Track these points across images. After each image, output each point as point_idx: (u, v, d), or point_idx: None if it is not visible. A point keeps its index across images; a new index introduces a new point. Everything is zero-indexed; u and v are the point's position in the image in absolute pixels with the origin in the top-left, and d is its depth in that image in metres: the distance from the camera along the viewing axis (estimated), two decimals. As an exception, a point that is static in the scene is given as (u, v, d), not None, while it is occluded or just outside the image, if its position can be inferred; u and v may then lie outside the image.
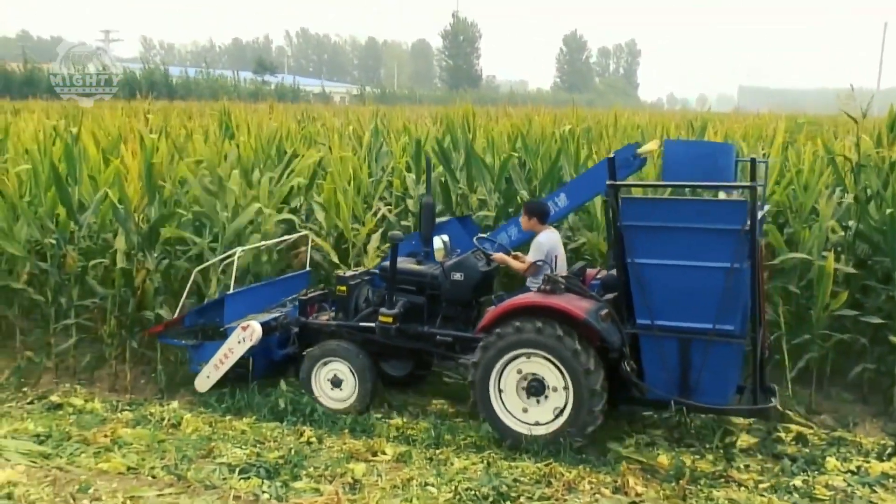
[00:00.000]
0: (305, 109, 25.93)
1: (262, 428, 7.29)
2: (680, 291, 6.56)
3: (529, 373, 6.95)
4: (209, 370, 7.99)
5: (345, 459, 6.64)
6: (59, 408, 7.74)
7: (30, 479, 6.10)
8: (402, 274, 7.82)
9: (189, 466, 6.39)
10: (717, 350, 6.57)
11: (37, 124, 12.84)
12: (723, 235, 6.33)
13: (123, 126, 12.18)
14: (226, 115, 12.77)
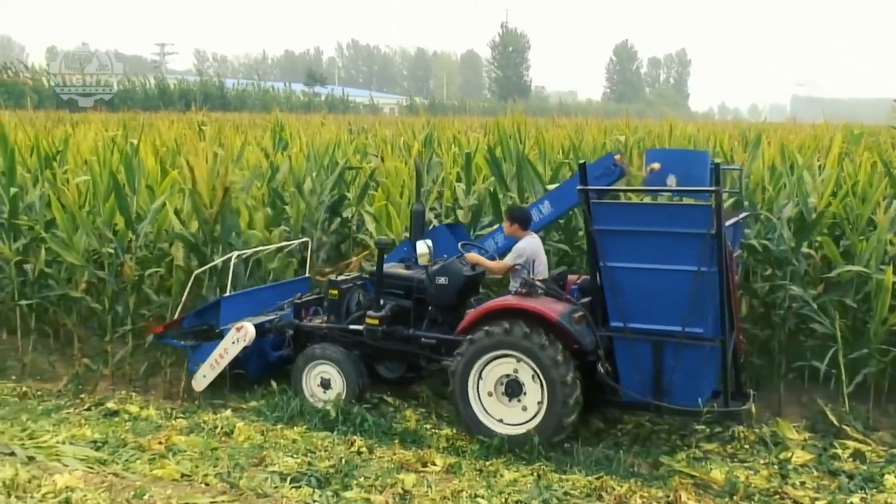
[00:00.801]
0: (355, 120, 26.14)
1: (313, 437, 7.33)
2: (650, 294, 6.72)
3: (506, 373, 7.16)
4: (205, 370, 8.24)
5: (395, 470, 6.64)
6: (115, 414, 7.88)
7: (87, 484, 6.19)
8: (390, 278, 8.10)
9: (241, 474, 6.45)
10: (688, 352, 6.72)
11: (95, 135, 13.13)
12: (689, 239, 6.47)
13: (180, 137, 12.40)
14: (278, 127, 12.90)
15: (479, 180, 10.56)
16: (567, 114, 26.80)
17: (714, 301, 6.61)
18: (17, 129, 11.65)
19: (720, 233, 6.39)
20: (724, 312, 6.68)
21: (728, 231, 6.81)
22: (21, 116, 16.75)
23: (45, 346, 9.70)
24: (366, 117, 33.90)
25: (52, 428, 7.41)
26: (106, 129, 16.56)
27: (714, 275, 6.52)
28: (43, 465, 6.56)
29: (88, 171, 9.78)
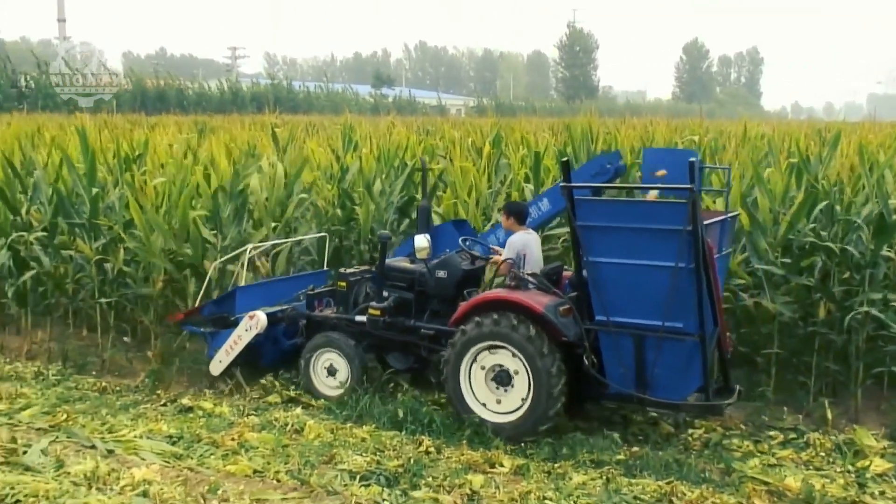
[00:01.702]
0: (424, 122, 26.24)
1: (382, 436, 7.38)
2: (631, 289, 6.87)
3: (496, 363, 7.39)
4: (221, 355, 8.66)
5: (463, 470, 6.66)
6: (189, 410, 8.04)
7: (163, 477, 6.35)
8: (394, 271, 8.48)
9: (312, 472, 6.54)
10: (669, 347, 6.86)
11: (171, 138, 13.45)
12: (666, 236, 6.60)
13: (252, 139, 12.63)
14: (349, 128, 13.04)
15: (547, 181, 10.51)
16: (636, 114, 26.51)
17: (692, 297, 6.69)
18: (98, 132, 11.95)
19: (697, 230, 6.48)
20: (704, 308, 6.75)
21: (714, 229, 7.06)
22: (101, 119, 17.20)
23: (123, 343, 9.96)
24: (433, 119, 34.00)
25: (130, 422, 7.61)
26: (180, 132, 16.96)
27: (691, 271, 6.61)
28: (121, 458, 6.77)
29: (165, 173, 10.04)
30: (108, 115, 20.98)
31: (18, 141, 12.62)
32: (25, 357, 9.83)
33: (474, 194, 9.95)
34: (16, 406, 8.02)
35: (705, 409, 7.26)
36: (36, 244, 10.33)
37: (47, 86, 47.33)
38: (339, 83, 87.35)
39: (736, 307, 8.65)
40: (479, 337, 7.39)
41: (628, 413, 8.09)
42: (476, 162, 11.13)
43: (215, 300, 9.05)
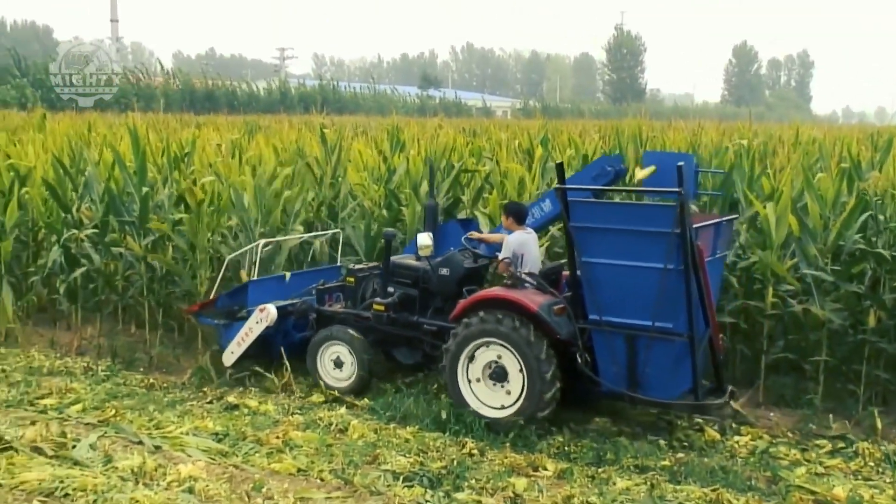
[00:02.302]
0: (470, 123, 26.24)
1: (425, 437, 7.38)
2: (623, 289, 7.02)
3: (492, 360, 7.58)
4: (233, 347, 8.90)
5: (506, 473, 6.64)
6: (235, 408, 8.10)
7: (209, 474, 6.42)
8: (399, 268, 8.70)
9: (355, 471, 6.56)
10: (660, 346, 7.01)
11: (220, 138, 13.61)
12: (656, 237, 6.75)
13: (300, 139, 12.73)
14: (395, 130, 13.07)
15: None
16: (683, 117, 26.25)
17: (682, 298, 6.82)
18: (148, 131, 12.13)
19: (685, 232, 6.62)
20: (694, 309, 6.88)
21: (708, 232, 7.24)
22: (151, 119, 17.46)
23: (170, 340, 10.09)
24: (479, 120, 33.98)
25: (177, 419, 7.70)
26: (228, 132, 17.13)
27: (680, 273, 6.75)
28: (168, 454, 6.85)
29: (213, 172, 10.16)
30: (157, 115, 21.31)
31: (70, 140, 12.84)
32: (75, 352, 9.98)
33: (524, 195, 9.88)
34: (66, 401, 8.16)
35: (695, 409, 7.44)
36: (87, 242, 10.52)
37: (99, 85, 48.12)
38: (385, 84, 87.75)
39: (784, 313, 8.52)
40: (476, 334, 7.58)
41: (673, 418, 8.01)
42: (523, 163, 11.09)
43: (229, 293, 9.30)
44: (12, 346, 10.19)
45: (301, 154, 11.46)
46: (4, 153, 12.10)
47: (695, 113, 54.61)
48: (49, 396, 8.28)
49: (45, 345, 10.32)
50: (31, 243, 11.19)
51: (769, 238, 8.43)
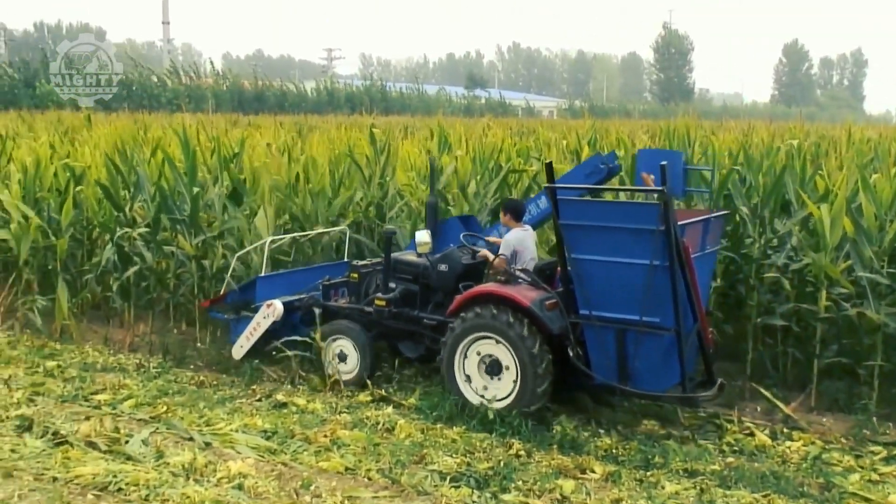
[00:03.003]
0: (516, 123, 26.18)
1: (472, 438, 7.38)
2: (611, 285, 7.23)
3: (488, 353, 7.82)
4: (242, 341, 9.22)
5: (553, 475, 6.61)
6: (283, 406, 8.16)
7: (258, 471, 6.48)
8: (401, 264, 8.92)
9: (403, 471, 6.58)
10: (648, 340, 7.23)
11: (271, 138, 13.74)
12: (641, 234, 6.96)
13: (351, 140, 12.81)
14: (442, 130, 13.08)
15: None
16: (734, 116, 25.93)
17: (668, 293, 7.00)
18: (198, 131, 12.29)
19: (669, 229, 6.80)
20: (679, 304, 7.04)
21: (696, 228, 7.47)
22: (201, 119, 17.69)
23: (220, 337, 10.19)
24: (524, 120, 33.89)
25: (227, 416, 7.78)
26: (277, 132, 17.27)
27: (666, 268, 6.94)
28: (218, 451, 6.94)
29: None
30: (207, 115, 21.56)
31: (122, 140, 13.03)
32: (128, 349, 10.15)
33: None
34: (119, 397, 8.29)
35: (683, 401, 7.62)
36: (139, 240, 10.69)
37: (149, 86, 48.91)
38: (431, 84, 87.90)
39: (838, 317, 8.38)
40: (472, 328, 7.81)
41: (723, 422, 7.92)
42: (572, 163, 11.02)
43: (239, 288, 9.58)
44: (68, 343, 10.40)
45: (351, 154, 11.52)
46: (60, 153, 12.34)
47: (744, 113, 53.96)
48: (103, 392, 8.43)
49: (99, 341, 10.51)
50: (86, 242, 11.41)
51: (823, 240, 8.30)
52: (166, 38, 76.86)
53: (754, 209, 9.11)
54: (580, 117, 37.70)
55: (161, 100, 47.25)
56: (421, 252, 8.70)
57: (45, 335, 10.60)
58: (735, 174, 9.41)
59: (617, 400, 8.47)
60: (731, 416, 8.05)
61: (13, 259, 11.22)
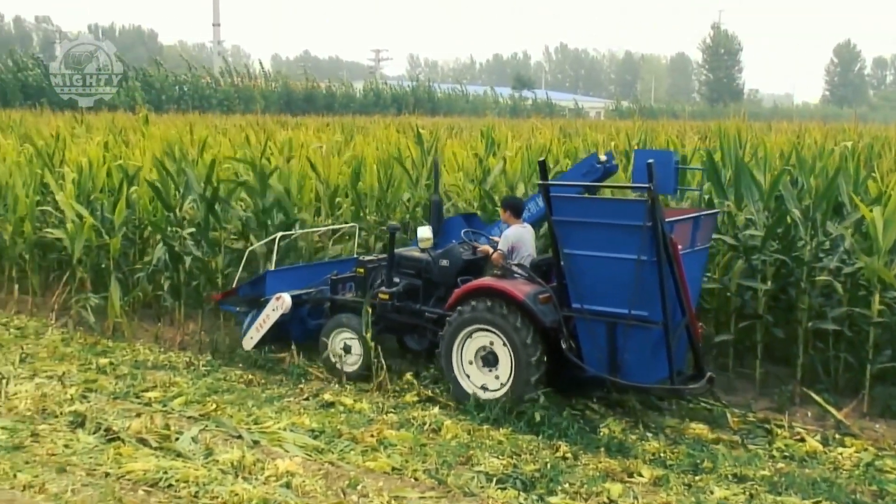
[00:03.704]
0: (563, 124, 26.08)
1: (518, 439, 7.36)
2: (601, 279, 7.46)
3: (483, 345, 8.06)
4: (252, 332, 9.55)
5: (600, 478, 6.57)
6: (331, 406, 8.20)
7: (305, 470, 6.53)
8: (404, 260, 9.17)
9: (449, 472, 6.59)
10: (637, 333, 7.44)
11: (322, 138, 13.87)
12: (629, 230, 7.18)
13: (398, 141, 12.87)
14: (490, 131, 13.08)
15: (693, 184, 10.25)
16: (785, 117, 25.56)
17: (655, 287, 7.21)
18: (248, 132, 12.44)
19: (656, 225, 7.03)
20: (667, 298, 7.25)
21: (686, 226, 7.68)
22: (251, 120, 17.89)
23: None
24: (571, 121, 33.73)
25: (275, 415, 7.85)
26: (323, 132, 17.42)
27: (654, 263, 7.15)
28: (266, 449, 7.00)
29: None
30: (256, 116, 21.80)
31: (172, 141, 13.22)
32: (178, 347, 10.29)
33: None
34: (169, 394, 8.41)
35: (670, 392, 7.85)
36: (189, 239, 10.83)
37: (200, 87, 49.54)
38: (478, 85, 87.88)
39: (891, 321, 8.24)
40: (468, 321, 8.05)
41: (773, 427, 7.81)
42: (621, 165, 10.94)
43: (250, 282, 9.90)
44: (119, 340, 10.58)
45: (398, 156, 11.57)
46: (113, 154, 12.56)
47: (795, 114, 53.12)
48: (153, 389, 8.55)
49: (150, 339, 10.67)
50: (138, 241, 11.58)
51: (876, 243, 8.15)
52: (216, 40, 77.93)
53: (806, 211, 8.96)
54: (628, 118, 37.44)
55: (212, 101, 47.88)
56: (423, 247, 9.00)
57: (97, 333, 10.80)
58: (786, 176, 9.27)
59: (665, 403, 8.41)
60: (782, 422, 7.94)
61: (67, 258, 11.45)
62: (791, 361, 8.92)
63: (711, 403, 8.40)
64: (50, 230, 11.73)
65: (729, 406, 8.38)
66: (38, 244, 12.09)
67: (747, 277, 8.98)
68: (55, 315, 11.42)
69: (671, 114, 62.48)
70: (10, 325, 11.18)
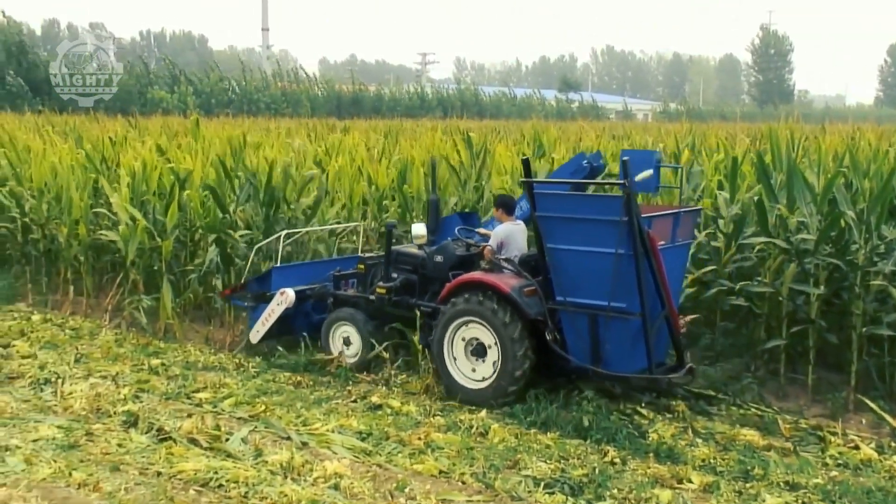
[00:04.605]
0: (610, 126, 25.91)
1: (566, 444, 7.32)
2: (582, 272, 7.78)
3: (473, 337, 8.38)
4: (258, 326, 9.98)
5: (650, 484, 6.51)
6: (378, 408, 8.24)
7: (353, 472, 6.56)
8: (402, 256, 9.54)
9: (496, 475, 6.58)
10: (617, 325, 7.72)
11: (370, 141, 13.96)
12: (607, 226, 7.50)
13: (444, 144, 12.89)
14: (537, 133, 13.06)
15: (743, 187, 10.13)
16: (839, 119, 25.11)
17: (633, 280, 7.50)
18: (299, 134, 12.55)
19: (632, 220, 7.33)
20: (645, 291, 7.54)
21: (665, 221, 8.01)
22: (299, 123, 18.05)
23: (314, 340, 10.31)
24: (619, 123, 33.50)
25: (323, 417, 7.90)
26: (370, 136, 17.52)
27: (630, 257, 7.43)
28: (314, 450, 7.05)
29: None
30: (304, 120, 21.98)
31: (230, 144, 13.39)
32: (228, 349, 10.41)
33: (673, 199, 9.62)
34: (220, 395, 8.50)
35: (649, 382, 8.08)
36: (241, 241, 10.96)
37: (250, 91, 50.08)
38: (524, 88, 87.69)
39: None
40: (459, 313, 8.39)
41: (826, 434, 7.68)
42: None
43: (257, 278, 10.30)
44: (171, 342, 10.73)
45: (446, 158, 11.59)
46: (168, 156, 12.75)
47: (847, 115, 52.16)
48: (204, 390, 8.65)
49: (201, 341, 10.81)
50: (189, 243, 11.73)
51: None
52: (265, 44, 78.68)
53: (860, 214, 8.79)
54: (676, 120, 37.09)
55: (260, 105, 48.39)
56: (417, 243, 9.45)
57: (149, 334, 10.97)
58: (840, 178, 9.11)
59: (714, 409, 8.32)
60: (835, 429, 7.81)
61: (121, 260, 11.64)
62: (844, 367, 8.77)
63: (763, 410, 8.30)
64: (104, 232, 11.93)
65: (781, 412, 8.27)
66: (92, 246, 12.31)
67: (800, 282, 8.84)
68: (109, 316, 11.62)
69: (720, 116, 61.80)
70: (65, 326, 11.39)
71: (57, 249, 12.70)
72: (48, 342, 10.42)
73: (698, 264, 9.72)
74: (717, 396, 8.61)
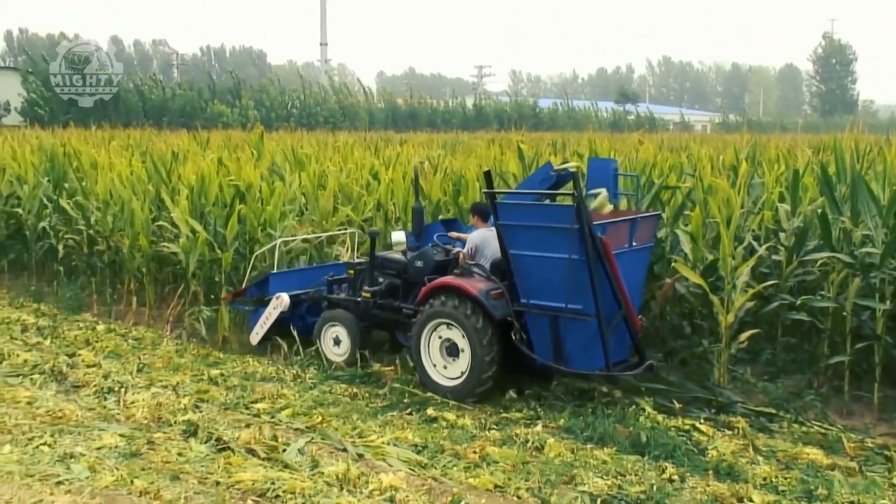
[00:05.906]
0: (667, 138, 25.66)
1: (623, 460, 7.23)
2: (541, 276, 8.29)
3: (447, 337, 8.90)
4: (257, 328, 10.66)
5: (709, 502, 6.40)
6: (433, 421, 8.23)
7: (409, 485, 6.55)
8: (386, 261, 10.17)
9: (552, 491, 6.52)
10: (575, 325, 8.22)
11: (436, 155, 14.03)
12: (560, 232, 8.01)
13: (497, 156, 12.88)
14: (593, 145, 12.98)
15: (805, 200, 9.93)
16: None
17: (587, 283, 7.99)
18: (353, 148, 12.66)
19: (583, 227, 7.86)
20: (599, 293, 8.01)
21: (622, 227, 8.49)
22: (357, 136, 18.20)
23: (374, 352, 10.39)
24: (676, 135, 33.15)
25: (379, 429, 7.91)
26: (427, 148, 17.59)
27: (583, 262, 7.94)
28: (370, 462, 7.06)
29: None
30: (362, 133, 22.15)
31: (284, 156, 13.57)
32: (284, 360, 10.49)
33: (724, 212, 9.45)
34: (277, 406, 8.57)
35: (606, 378, 8.52)
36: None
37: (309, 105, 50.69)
38: (581, 99, 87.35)
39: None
40: (432, 315, 8.91)
41: (893, 454, 7.47)
42: (728, 180, 10.68)
43: (256, 283, 10.91)
44: (229, 353, 10.86)
45: (500, 171, 11.59)
46: (228, 168, 12.95)
47: (914, 124, 50.92)
48: (262, 401, 8.72)
49: (259, 352, 10.91)
50: (248, 255, 11.88)
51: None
52: (324, 58, 79.72)
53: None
54: (735, 132, 36.57)
55: (318, 118, 48.94)
56: (397, 250, 10.05)
57: (209, 344, 11.13)
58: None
59: (776, 426, 8.15)
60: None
61: (182, 271, 11.84)
62: (914, 385, 8.53)
63: (826, 427, 8.10)
64: (165, 244, 12.15)
65: (845, 431, 8.06)
66: (154, 258, 12.55)
67: (864, 296, 8.64)
68: (170, 326, 11.82)
69: (781, 127, 60.80)
70: (128, 336, 11.61)
71: (121, 261, 12.98)
72: (112, 352, 10.63)
73: (759, 278, 9.56)
74: (778, 413, 8.42)
